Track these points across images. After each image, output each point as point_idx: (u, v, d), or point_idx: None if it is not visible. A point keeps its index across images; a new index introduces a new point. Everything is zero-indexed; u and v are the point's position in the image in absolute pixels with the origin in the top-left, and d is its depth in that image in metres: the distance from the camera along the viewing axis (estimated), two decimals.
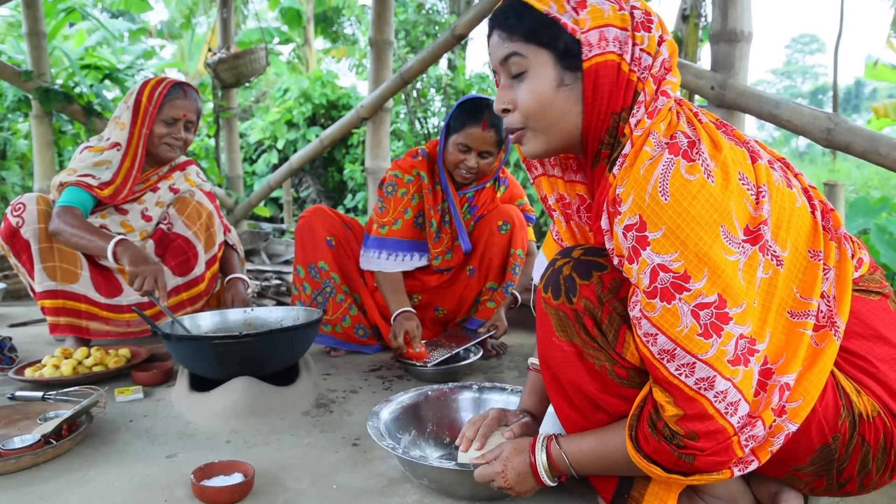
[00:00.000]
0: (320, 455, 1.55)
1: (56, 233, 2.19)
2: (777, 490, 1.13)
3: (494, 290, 2.43)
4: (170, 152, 2.39)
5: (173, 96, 2.34)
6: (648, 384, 1.03)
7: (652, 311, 0.95)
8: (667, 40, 1.06)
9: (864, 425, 1.02)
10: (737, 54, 2.74)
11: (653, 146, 0.98)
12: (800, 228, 1.03)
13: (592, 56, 1.02)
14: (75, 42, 8.35)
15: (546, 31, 1.04)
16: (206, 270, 2.49)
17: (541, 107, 1.07)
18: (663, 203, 0.93)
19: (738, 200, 0.95)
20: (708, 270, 0.91)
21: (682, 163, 0.94)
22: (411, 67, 4.00)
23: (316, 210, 2.47)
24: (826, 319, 1.03)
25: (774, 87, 43.77)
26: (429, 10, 8.73)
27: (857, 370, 1.05)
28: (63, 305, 2.28)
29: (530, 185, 7.12)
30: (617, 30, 1.02)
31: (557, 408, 1.18)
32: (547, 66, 1.05)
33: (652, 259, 0.94)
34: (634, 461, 1.03)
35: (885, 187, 9.25)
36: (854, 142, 2.36)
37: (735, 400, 0.94)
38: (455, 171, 2.28)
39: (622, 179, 0.99)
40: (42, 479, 1.41)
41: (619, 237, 0.99)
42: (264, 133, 9.65)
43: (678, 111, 1.05)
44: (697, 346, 0.93)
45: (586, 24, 1.02)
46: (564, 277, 1.08)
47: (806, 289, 1.01)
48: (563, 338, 1.09)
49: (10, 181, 5.46)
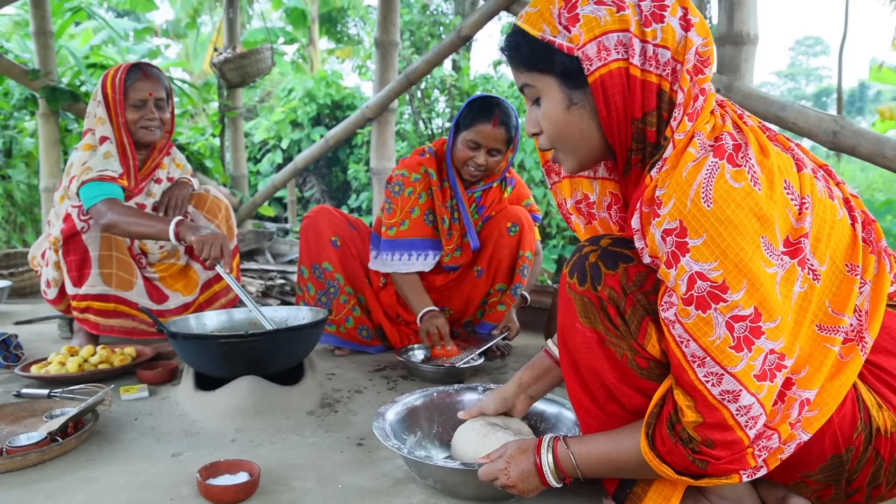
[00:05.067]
0: (325, 455, 1.56)
1: (111, 225, 2.15)
2: (784, 495, 1.13)
3: (503, 291, 2.43)
4: (148, 135, 2.37)
5: (133, 79, 2.32)
6: (667, 382, 1.02)
7: (686, 317, 0.94)
8: (694, 24, 0.98)
9: (880, 440, 1.01)
10: (742, 57, 2.73)
11: (697, 148, 0.95)
12: (839, 242, 1.00)
13: (594, 70, 0.99)
14: (81, 41, 8.39)
15: (543, 57, 1.03)
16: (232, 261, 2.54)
17: (557, 129, 1.08)
18: (706, 210, 0.90)
19: (781, 211, 0.92)
20: (747, 282, 0.89)
21: (727, 168, 0.91)
22: (417, 68, 4.00)
23: (321, 210, 2.47)
24: (855, 334, 1.01)
25: (778, 89, 43.66)
26: (434, 11, 8.74)
27: (882, 384, 1.03)
28: (115, 309, 2.34)
29: (535, 186, 7.13)
30: (618, 34, 0.97)
31: (572, 394, 1.17)
32: (553, 89, 1.05)
33: (690, 266, 0.92)
34: (647, 459, 1.02)
35: (890, 190, 9.22)
36: (860, 144, 2.36)
37: (756, 414, 0.93)
38: (464, 168, 2.28)
39: (663, 181, 0.96)
40: (48, 477, 1.41)
41: (658, 240, 0.96)
42: (269, 133, 9.67)
43: (721, 113, 1.01)
44: (728, 358, 0.91)
45: (581, 40, 0.99)
46: (590, 264, 1.07)
47: (839, 304, 0.99)
48: (586, 324, 1.08)
49: (15, 179, 5.47)
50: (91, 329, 2.32)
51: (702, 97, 1.00)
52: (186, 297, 2.51)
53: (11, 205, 5.56)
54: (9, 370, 2.17)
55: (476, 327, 2.50)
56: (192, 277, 2.56)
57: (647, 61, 0.98)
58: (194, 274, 2.57)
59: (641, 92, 0.99)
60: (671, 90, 0.99)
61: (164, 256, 2.54)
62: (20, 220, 5.63)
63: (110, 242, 2.29)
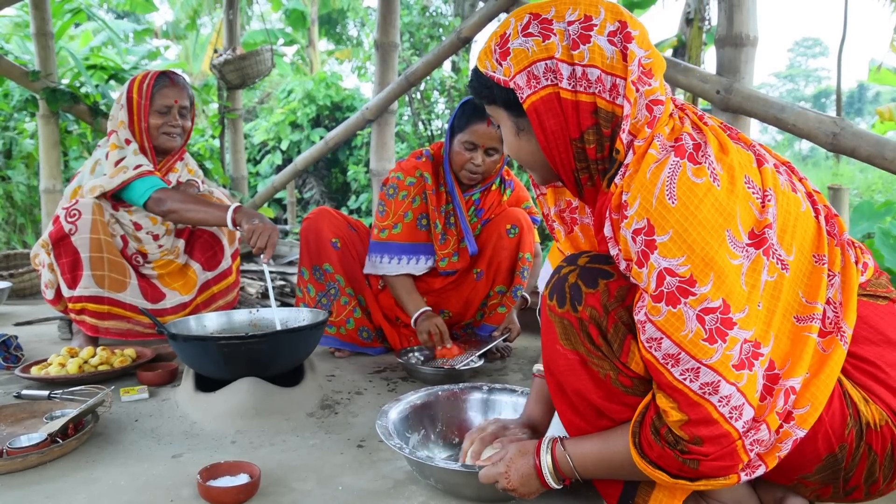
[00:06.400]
0: (325, 456, 1.56)
1: (171, 211, 2.24)
2: (783, 495, 1.13)
3: (503, 293, 2.43)
4: (170, 141, 2.43)
5: (161, 85, 2.39)
6: (651, 391, 1.03)
7: (657, 314, 0.95)
8: (634, 36, 1.01)
9: (871, 434, 1.01)
10: (742, 58, 2.74)
11: (658, 149, 0.98)
12: (805, 233, 1.03)
13: (527, 97, 1.06)
14: (81, 42, 8.39)
15: (488, 91, 1.12)
16: (232, 263, 2.61)
17: (514, 153, 1.17)
18: (670, 206, 0.93)
19: (743, 204, 0.95)
20: (713, 275, 0.92)
21: (688, 165, 0.95)
22: (417, 70, 4.01)
23: (321, 212, 2.47)
24: (833, 325, 1.02)
25: (777, 90, 43.72)
26: (433, 13, 8.74)
27: (867, 376, 1.04)
28: (109, 311, 2.34)
29: (533, 189, 7.13)
30: (545, 62, 1.03)
31: (562, 415, 1.18)
32: (504, 118, 1.14)
33: (659, 263, 0.94)
34: (640, 467, 1.02)
35: (889, 191, 9.24)
36: (860, 146, 2.36)
37: (739, 404, 0.94)
38: (462, 171, 2.28)
39: (628, 185, 0.99)
40: (48, 478, 1.41)
41: (629, 242, 0.98)
42: (268, 134, 9.67)
43: (681, 115, 1.05)
44: (702, 350, 0.93)
45: (511, 72, 1.06)
46: (570, 285, 1.08)
47: (811, 293, 1.01)
48: (567, 346, 1.09)
49: (15, 180, 5.48)
50: (88, 331, 2.32)
51: (657, 107, 1.03)
52: (184, 296, 2.51)
53: (11, 206, 5.56)
54: (9, 371, 2.17)
55: (476, 329, 2.50)
56: (190, 277, 2.56)
57: (578, 82, 1.03)
58: (193, 274, 2.57)
59: (575, 112, 1.04)
60: (611, 104, 1.02)
61: (164, 254, 2.55)
62: (20, 221, 5.63)
63: (100, 244, 2.28)
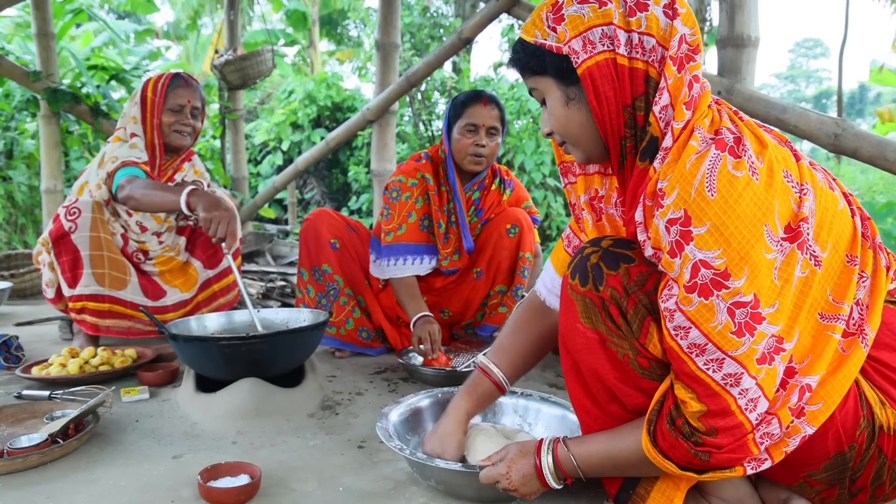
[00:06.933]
0: (326, 457, 1.55)
1: (127, 198, 2.22)
2: (786, 497, 1.13)
3: (503, 293, 2.43)
4: (180, 139, 2.48)
5: (175, 85, 2.46)
6: (667, 380, 1.03)
7: (688, 304, 0.95)
8: (681, 13, 1.02)
9: (883, 437, 1.01)
10: (743, 59, 2.74)
11: (699, 141, 0.98)
12: (841, 231, 1.02)
13: (582, 62, 1.04)
14: (81, 43, 8.39)
15: (538, 60, 1.10)
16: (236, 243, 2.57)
17: (561, 125, 1.13)
18: (709, 199, 0.93)
19: (782, 198, 0.95)
20: (748, 269, 0.92)
21: (728, 159, 0.95)
22: (417, 70, 4.01)
23: (320, 213, 2.48)
24: (856, 326, 1.02)
25: (778, 91, 43.69)
26: (434, 14, 8.75)
27: (886, 381, 1.04)
28: (109, 309, 2.34)
29: (535, 189, 7.13)
30: (602, 27, 1.02)
31: (573, 395, 1.19)
32: (552, 88, 1.11)
33: (694, 254, 0.94)
34: (649, 456, 1.02)
35: (891, 192, 9.23)
36: (861, 147, 2.36)
37: (756, 397, 0.95)
38: (466, 159, 2.29)
39: (665, 173, 0.99)
40: (49, 479, 1.41)
41: (661, 231, 0.98)
42: (269, 134, 9.67)
43: (718, 109, 1.05)
44: (730, 343, 0.93)
45: (566, 37, 1.04)
46: (592, 265, 1.09)
47: (840, 293, 1.01)
48: (587, 324, 1.10)
49: (16, 180, 5.48)
50: (88, 330, 2.32)
51: (697, 84, 1.02)
52: (185, 293, 2.52)
53: (12, 206, 5.56)
54: (9, 371, 2.17)
55: (477, 329, 2.50)
56: (191, 275, 2.57)
57: (634, 49, 1.02)
58: (194, 272, 2.58)
59: (630, 79, 1.03)
60: (659, 75, 1.02)
61: (165, 250, 2.55)
62: (21, 221, 5.63)
63: (100, 242, 2.29)
